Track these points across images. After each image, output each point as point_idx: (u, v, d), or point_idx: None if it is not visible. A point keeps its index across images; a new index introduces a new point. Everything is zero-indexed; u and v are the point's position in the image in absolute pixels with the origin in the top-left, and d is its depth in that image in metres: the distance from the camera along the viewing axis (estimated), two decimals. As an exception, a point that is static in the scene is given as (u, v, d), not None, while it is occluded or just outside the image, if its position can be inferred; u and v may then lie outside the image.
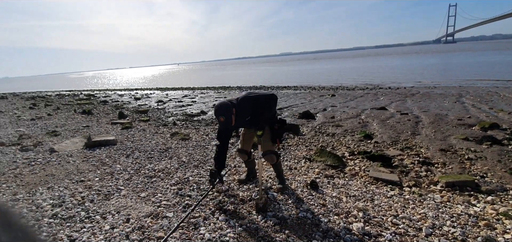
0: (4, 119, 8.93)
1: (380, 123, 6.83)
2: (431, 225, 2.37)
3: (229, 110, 2.64)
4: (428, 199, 2.87)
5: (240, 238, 2.30)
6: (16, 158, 4.57)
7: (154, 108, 11.13)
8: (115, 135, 6.17)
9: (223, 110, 2.63)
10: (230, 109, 2.65)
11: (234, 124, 2.77)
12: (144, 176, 3.76)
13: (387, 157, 4.17)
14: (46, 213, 2.76)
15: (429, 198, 2.89)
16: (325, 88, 16.59)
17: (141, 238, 2.31)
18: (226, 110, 2.63)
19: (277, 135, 2.91)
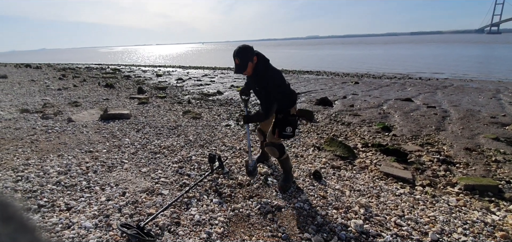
0: (35, 88, 9.52)
1: (402, 115, 6.38)
2: (439, 230, 2.14)
3: (246, 55, 2.35)
4: (441, 201, 2.61)
5: (229, 223, 2.23)
6: (36, 125, 4.84)
7: (173, 85, 11.30)
8: (131, 109, 6.32)
9: (239, 53, 2.36)
10: (250, 54, 2.35)
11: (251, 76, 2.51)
12: (149, 151, 3.80)
13: (403, 152, 3.86)
14: (51, 179, 2.87)
15: (443, 200, 2.62)
16: (349, 75, 15.84)
17: (132, 213, 2.32)
18: (241, 53, 2.36)
19: (277, 124, 2.56)
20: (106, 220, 2.18)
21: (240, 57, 2.36)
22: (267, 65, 2.46)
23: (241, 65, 2.38)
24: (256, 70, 2.43)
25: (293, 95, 2.65)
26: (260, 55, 2.46)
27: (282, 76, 2.55)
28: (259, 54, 2.45)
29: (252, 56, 2.38)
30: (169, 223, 2.18)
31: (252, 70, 2.43)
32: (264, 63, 2.45)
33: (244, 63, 2.37)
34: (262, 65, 2.44)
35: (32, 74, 15.04)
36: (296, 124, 2.59)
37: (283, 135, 2.54)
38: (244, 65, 2.38)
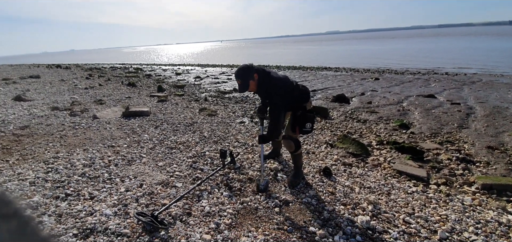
0: (64, 87, 10.19)
1: (423, 112, 6.15)
2: (449, 229, 2.10)
3: (246, 75, 2.44)
4: (455, 200, 2.53)
5: (237, 215, 2.32)
6: (64, 121, 5.22)
7: (191, 83, 11.61)
8: (150, 106, 6.61)
9: (240, 73, 2.48)
10: (249, 73, 2.45)
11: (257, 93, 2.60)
12: (166, 146, 3.99)
13: (420, 149, 3.75)
14: (77, 171, 3.12)
15: (457, 199, 2.54)
16: (369, 71, 15.38)
17: (148, 203, 2.48)
18: (241, 74, 2.47)
19: (297, 122, 2.61)
20: (124, 209, 2.36)
21: (241, 78, 2.48)
22: (269, 79, 2.52)
23: (243, 85, 2.49)
24: (259, 86, 2.53)
25: (304, 92, 2.68)
26: (260, 70, 2.53)
27: (285, 82, 2.57)
28: (258, 70, 2.53)
29: (252, 74, 2.48)
30: (181, 213, 2.32)
31: (256, 87, 2.54)
32: (265, 77, 2.52)
33: (245, 83, 2.48)
34: (263, 80, 2.52)
35: (62, 74, 16.06)
36: (314, 120, 2.66)
37: (303, 131, 2.62)
38: (245, 85, 2.49)
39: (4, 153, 3.69)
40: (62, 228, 2.10)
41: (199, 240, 1.99)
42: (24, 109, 6.29)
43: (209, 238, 2.01)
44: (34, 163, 3.37)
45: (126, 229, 2.09)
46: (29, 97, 7.85)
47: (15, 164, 3.34)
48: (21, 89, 9.58)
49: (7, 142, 4.11)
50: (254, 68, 2.52)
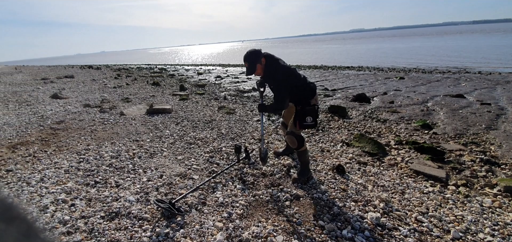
0: (95, 86, 10.92)
1: (448, 112, 5.88)
2: (463, 229, 2.05)
3: (254, 57, 2.54)
4: (474, 201, 2.45)
5: (249, 206, 2.43)
6: (95, 117, 5.64)
7: (212, 83, 11.92)
8: (172, 104, 6.93)
9: (248, 56, 2.57)
10: (257, 57, 2.54)
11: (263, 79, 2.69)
12: (186, 142, 4.19)
13: (440, 150, 3.63)
14: (105, 162, 3.40)
15: (476, 201, 2.46)
16: (394, 70, 14.83)
17: (167, 192, 2.66)
18: (250, 57, 2.57)
19: (297, 116, 2.64)
20: (145, 196, 2.56)
21: (248, 61, 2.57)
22: (276, 64, 2.60)
23: (250, 67, 2.59)
24: (266, 70, 2.61)
25: (309, 87, 2.68)
26: (269, 56, 2.62)
27: (292, 71, 2.63)
28: (267, 55, 2.61)
29: (260, 58, 2.56)
30: (197, 202, 2.47)
31: (262, 71, 2.62)
32: (272, 62, 2.60)
33: (252, 66, 2.58)
34: (270, 65, 2.60)
35: (93, 74, 17.16)
36: (316, 113, 2.64)
37: (304, 125, 2.62)
38: (253, 67, 2.58)
39: (43, 144, 4.09)
40: (92, 210, 2.33)
41: (212, 227, 2.12)
42: (60, 106, 6.86)
43: (221, 225, 2.14)
44: (68, 153, 3.71)
45: (147, 214, 2.28)
46: (65, 95, 8.52)
47: (52, 154, 3.70)
48: (57, 88, 10.41)
49: (46, 134, 4.55)
50: (262, 53, 2.61)
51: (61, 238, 1.98)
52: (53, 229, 2.09)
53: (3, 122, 5.41)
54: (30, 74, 18.22)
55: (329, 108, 6.08)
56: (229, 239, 1.99)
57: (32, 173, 3.12)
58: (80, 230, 2.07)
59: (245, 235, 2.02)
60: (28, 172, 3.13)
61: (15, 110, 6.47)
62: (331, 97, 8.06)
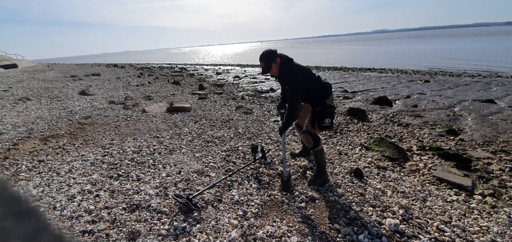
0: (119, 84, 11.41)
1: (477, 118, 5.57)
2: (488, 241, 1.94)
3: (269, 57, 2.58)
4: (501, 212, 2.31)
5: (264, 206, 2.44)
6: (119, 114, 5.90)
7: (230, 83, 12.06)
8: (191, 103, 7.09)
9: (264, 56, 2.61)
10: (273, 56, 2.58)
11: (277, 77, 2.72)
12: (203, 140, 4.28)
13: (467, 157, 3.45)
14: (127, 156, 3.55)
15: (504, 212, 2.31)
16: (419, 73, 14.21)
17: (185, 188, 2.74)
18: (265, 57, 2.61)
19: (315, 117, 2.63)
20: (164, 191, 2.65)
21: (264, 61, 2.61)
22: (290, 65, 2.62)
23: (266, 67, 2.62)
24: (281, 70, 2.64)
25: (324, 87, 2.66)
26: (284, 56, 2.64)
27: (306, 72, 2.63)
28: (282, 56, 2.63)
29: (275, 58, 2.59)
30: (213, 199, 2.52)
31: (278, 71, 2.65)
32: (287, 63, 2.63)
33: (268, 65, 2.61)
34: (285, 65, 2.62)
35: (118, 72, 17.93)
36: (333, 115, 2.63)
37: (322, 126, 2.61)
38: (268, 67, 2.61)
39: (71, 138, 4.34)
40: (114, 201, 2.45)
41: (227, 224, 2.16)
42: (87, 102, 7.25)
43: (236, 223, 2.17)
44: (94, 147, 3.92)
45: (165, 208, 2.36)
46: (91, 92, 8.98)
47: (80, 147, 3.92)
48: (85, 85, 10.99)
49: (74, 128, 4.82)
50: (278, 53, 2.65)
51: (86, 226, 2.10)
52: (79, 218, 2.22)
53: (36, 115, 5.81)
54: (61, 71, 19.37)
55: (348, 111, 5.95)
56: (244, 237, 2.02)
57: (61, 164, 3.32)
58: (103, 220, 2.19)
59: (259, 234, 2.04)
60: (57, 163, 3.34)
61: (47, 105, 6.91)
62: (350, 100, 7.89)
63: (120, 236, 2.01)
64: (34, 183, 2.82)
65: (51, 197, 2.54)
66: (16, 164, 3.32)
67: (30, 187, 2.74)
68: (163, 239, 1.98)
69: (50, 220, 2.09)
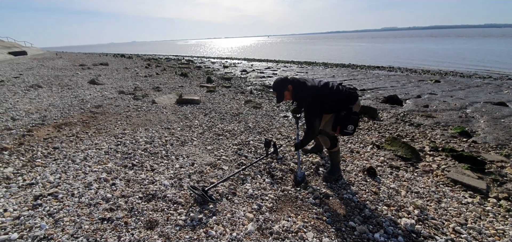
0: (127, 74, 11.47)
1: (490, 120, 5.48)
2: (507, 246, 1.93)
3: (280, 87, 2.67)
4: (518, 217, 2.28)
5: (278, 201, 2.45)
6: (129, 104, 5.95)
7: (238, 76, 12.04)
8: (200, 96, 7.11)
9: (275, 87, 2.72)
10: (284, 85, 2.66)
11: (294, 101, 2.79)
12: (214, 133, 4.30)
13: (481, 160, 3.41)
14: (140, 146, 3.59)
15: (521, 216, 2.29)
16: (429, 72, 13.99)
17: (199, 180, 2.76)
18: (277, 87, 2.70)
19: (339, 122, 2.59)
20: (179, 182, 2.67)
21: (276, 90, 2.70)
22: (302, 87, 2.64)
23: (279, 95, 2.70)
24: (294, 95, 2.70)
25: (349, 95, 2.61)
26: (295, 81, 2.68)
27: (322, 89, 2.59)
28: (293, 81, 2.67)
29: (287, 86, 2.66)
30: (227, 192, 2.54)
31: (291, 97, 2.71)
32: (299, 86, 2.66)
33: (280, 95, 2.68)
34: (297, 90, 2.66)
35: (125, 63, 18.01)
36: (357, 122, 2.60)
37: (344, 132, 2.58)
38: (281, 95, 2.69)
39: (84, 126, 4.40)
40: (130, 190, 2.49)
41: (243, 217, 2.17)
42: (97, 92, 7.31)
43: (252, 216, 2.18)
44: (106, 136, 3.96)
45: (181, 199, 2.39)
46: (101, 82, 9.05)
47: (93, 136, 3.97)
48: (94, 74, 11.07)
49: (86, 117, 4.88)
50: (289, 79, 2.70)
51: (105, 214, 2.13)
52: (97, 205, 2.26)
53: (49, 102, 5.88)
54: (69, 60, 19.53)
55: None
56: (260, 231, 2.03)
57: (76, 151, 3.37)
58: (121, 208, 2.22)
59: (275, 228, 2.05)
60: (72, 151, 3.39)
61: (58, 93, 6.99)
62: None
63: (138, 224, 2.04)
64: (50, 170, 2.87)
65: (68, 183, 2.58)
66: (31, 150, 3.38)
67: (47, 173, 2.79)
68: (180, 229, 2.01)
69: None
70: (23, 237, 1.86)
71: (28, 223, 1.99)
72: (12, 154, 3.22)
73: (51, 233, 1.90)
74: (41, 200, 2.29)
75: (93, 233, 1.93)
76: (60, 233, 1.91)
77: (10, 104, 5.61)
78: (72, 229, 1.95)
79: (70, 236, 1.89)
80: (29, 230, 1.93)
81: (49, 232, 1.92)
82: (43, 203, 2.24)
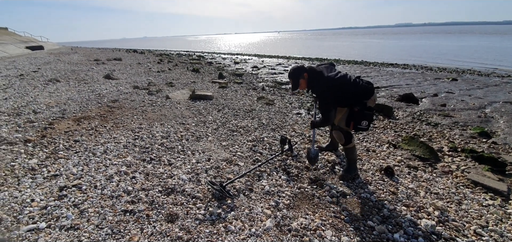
0: (141, 69, 11.66)
1: (510, 121, 5.30)
2: (533, 251, 1.87)
3: (296, 74, 2.63)
4: (544, 222, 2.21)
5: (295, 198, 2.46)
6: (144, 99, 6.06)
7: (249, 73, 12.04)
8: (213, 91, 7.16)
9: (291, 74, 2.68)
10: (299, 73, 2.62)
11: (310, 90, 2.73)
12: (228, 129, 4.33)
13: (502, 162, 3.31)
14: (157, 141, 3.66)
15: (547, 221, 2.22)
16: (446, 70, 13.59)
17: (215, 175, 2.80)
18: (293, 75, 2.66)
19: (353, 117, 2.55)
20: (196, 177, 2.72)
21: (292, 78, 2.67)
22: (318, 77, 2.60)
23: (294, 84, 2.67)
24: (309, 84, 2.66)
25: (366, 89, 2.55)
26: (311, 69, 2.64)
27: (337, 81, 2.52)
28: (309, 69, 2.64)
29: (303, 73, 2.62)
30: (244, 188, 2.56)
31: (306, 85, 2.67)
32: (315, 75, 2.61)
33: (296, 82, 2.65)
34: (313, 79, 2.62)
35: (138, 58, 18.29)
36: (372, 118, 2.55)
37: (358, 128, 2.54)
38: (296, 84, 2.66)
39: (102, 120, 4.51)
40: (150, 184, 2.55)
41: (261, 214, 2.20)
42: (113, 86, 7.47)
43: (270, 213, 2.20)
44: (124, 130, 4.06)
45: (199, 193, 2.43)
46: (116, 77, 9.24)
47: (111, 130, 4.07)
48: (108, 69, 11.31)
49: (104, 111, 5.00)
50: (305, 68, 2.67)
51: (127, 206, 2.20)
52: (119, 197, 2.33)
53: (67, 97, 6.06)
54: (84, 55, 20.00)
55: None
56: (278, 227, 2.05)
57: (96, 145, 3.47)
58: (142, 201, 2.28)
59: (294, 225, 2.06)
60: (92, 144, 3.50)
61: (76, 87, 7.19)
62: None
63: (160, 217, 2.09)
64: (73, 162, 2.97)
65: (90, 176, 2.67)
66: (53, 143, 3.50)
67: (70, 165, 2.88)
68: (200, 223, 2.05)
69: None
70: (50, 226, 1.95)
71: (55, 213, 2.08)
72: (35, 146, 3.35)
73: (78, 223, 1.98)
74: (66, 191, 2.38)
75: (117, 224, 1.99)
76: (86, 223, 1.99)
77: (31, 98, 5.81)
78: (97, 220, 2.02)
79: (96, 227, 1.96)
80: (56, 219, 2.01)
81: (75, 222, 1.99)
82: (68, 194, 2.33)
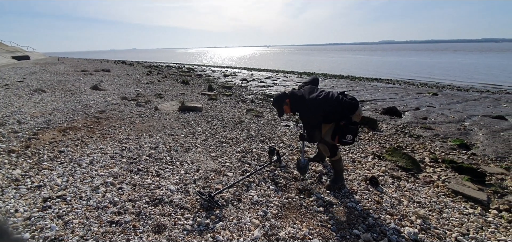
0: (129, 81, 11.56)
1: (488, 133, 5.57)
2: (509, 256, 1.97)
3: (279, 102, 2.79)
4: (519, 228, 2.33)
5: (283, 208, 2.49)
6: (132, 110, 6.00)
7: (238, 85, 12.15)
8: (202, 103, 7.17)
9: (274, 103, 2.85)
10: (282, 100, 2.78)
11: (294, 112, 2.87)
12: (217, 140, 4.34)
13: (481, 172, 3.47)
14: (145, 152, 3.62)
15: (522, 228, 2.34)
16: (427, 85, 14.17)
17: (204, 186, 2.80)
18: (276, 103, 2.82)
19: (338, 131, 2.63)
20: (185, 187, 2.71)
21: (276, 106, 2.84)
22: (300, 101, 2.72)
23: (279, 111, 2.85)
24: (292, 108, 2.81)
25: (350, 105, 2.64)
26: (293, 95, 2.77)
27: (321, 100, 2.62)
28: (291, 95, 2.78)
29: (285, 99, 2.78)
30: (233, 198, 2.57)
31: (290, 109, 2.82)
32: (297, 100, 2.75)
33: (280, 109, 2.82)
34: (295, 103, 2.76)
35: (127, 69, 18.13)
36: (356, 132, 2.63)
37: (343, 141, 2.61)
38: (280, 111, 2.83)
39: (88, 131, 4.43)
40: (137, 195, 2.52)
41: (249, 223, 2.21)
42: (100, 97, 7.36)
43: (258, 223, 2.22)
44: (111, 141, 4.00)
45: (187, 204, 2.42)
46: (103, 87, 9.11)
47: (97, 140, 4.00)
48: (96, 80, 11.15)
49: (90, 122, 4.92)
50: (286, 94, 2.82)
51: (113, 217, 2.16)
52: (105, 208, 2.29)
53: (53, 107, 5.92)
54: (71, 65, 19.64)
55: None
56: (267, 237, 2.07)
57: (82, 156, 3.40)
58: (129, 212, 2.25)
59: (281, 235, 2.08)
60: (77, 155, 3.43)
61: (62, 98, 7.04)
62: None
63: (146, 228, 2.07)
64: (57, 173, 2.90)
65: (76, 186, 2.61)
66: (37, 153, 3.41)
67: (54, 176, 2.81)
68: (188, 234, 2.04)
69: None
70: (34, 237, 1.89)
71: (39, 224, 2.02)
72: (19, 156, 3.25)
73: (61, 235, 1.93)
74: (50, 202, 2.32)
75: (102, 235, 1.96)
76: (70, 234, 1.94)
77: (16, 108, 5.65)
78: (82, 231, 1.98)
79: (80, 238, 1.91)
80: (40, 230, 1.96)
81: (59, 233, 1.94)
82: (52, 205, 2.27)
